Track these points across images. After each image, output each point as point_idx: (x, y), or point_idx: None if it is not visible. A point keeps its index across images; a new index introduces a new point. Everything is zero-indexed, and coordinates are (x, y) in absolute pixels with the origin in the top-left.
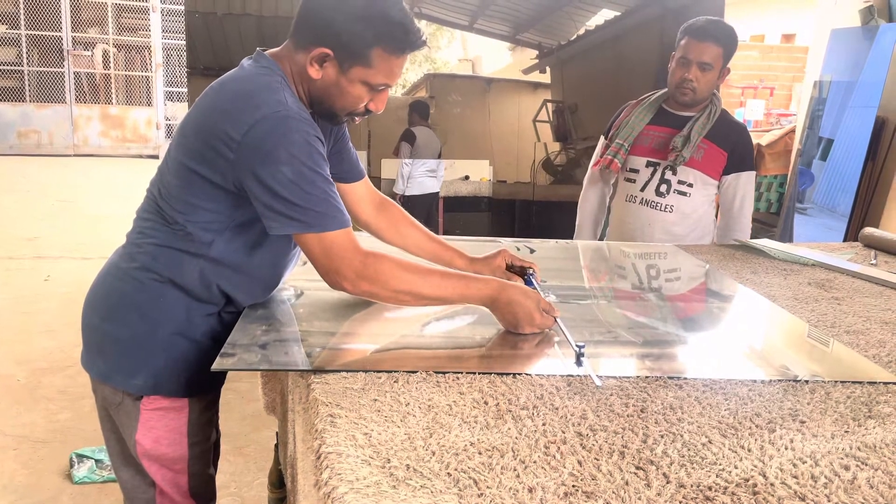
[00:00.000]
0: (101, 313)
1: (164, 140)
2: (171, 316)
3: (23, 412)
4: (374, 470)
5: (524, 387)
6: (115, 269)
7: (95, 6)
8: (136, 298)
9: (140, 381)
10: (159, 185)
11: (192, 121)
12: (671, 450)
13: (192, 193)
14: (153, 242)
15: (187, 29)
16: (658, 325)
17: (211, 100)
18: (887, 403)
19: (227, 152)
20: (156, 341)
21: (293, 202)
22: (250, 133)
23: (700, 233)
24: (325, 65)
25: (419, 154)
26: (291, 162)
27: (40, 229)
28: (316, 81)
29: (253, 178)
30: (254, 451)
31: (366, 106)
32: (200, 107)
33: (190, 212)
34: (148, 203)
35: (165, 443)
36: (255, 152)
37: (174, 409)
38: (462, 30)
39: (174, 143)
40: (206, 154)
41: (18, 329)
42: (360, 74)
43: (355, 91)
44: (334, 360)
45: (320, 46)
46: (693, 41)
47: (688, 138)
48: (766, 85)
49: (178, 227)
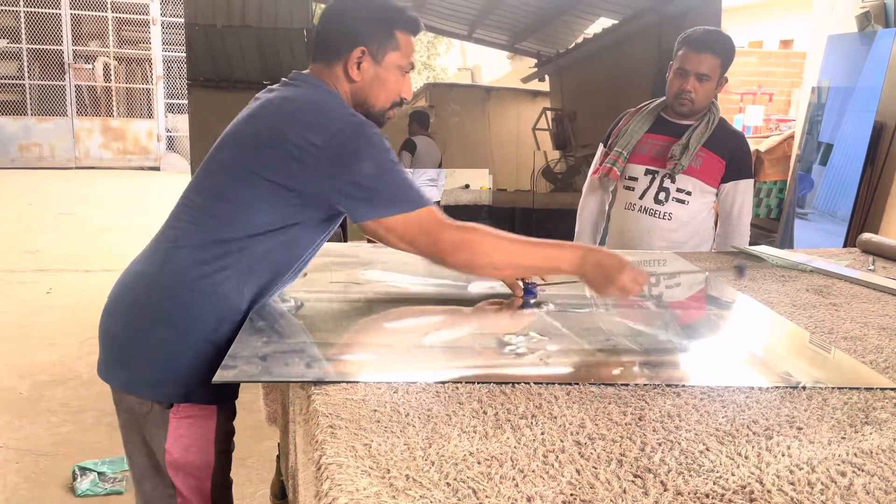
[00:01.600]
0: (127, 323)
1: (165, 152)
2: (202, 323)
3: (25, 425)
4: (374, 480)
5: (522, 396)
6: (143, 277)
7: (96, 19)
8: (166, 307)
9: (171, 389)
10: (199, 192)
11: (258, 132)
12: (669, 458)
13: (249, 196)
14: (187, 250)
15: (187, 41)
16: (657, 333)
17: (281, 113)
18: (884, 409)
19: (307, 158)
20: (186, 349)
21: (380, 191)
22: (334, 138)
23: (699, 240)
24: (362, 64)
25: (420, 163)
26: (373, 157)
27: (42, 242)
28: (358, 83)
29: (338, 178)
30: (256, 462)
31: (400, 95)
32: (265, 120)
33: (240, 215)
34: (183, 211)
35: (194, 451)
36: (341, 154)
37: (203, 416)
38: (461, 39)
39: (225, 151)
40: (279, 161)
41: (20, 342)
42: (393, 59)
43: (392, 77)
44: (334, 370)
45: (355, 48)
46: (691, 52)
47: (686, 147)
48: (764, 91)
49: (217, 232)
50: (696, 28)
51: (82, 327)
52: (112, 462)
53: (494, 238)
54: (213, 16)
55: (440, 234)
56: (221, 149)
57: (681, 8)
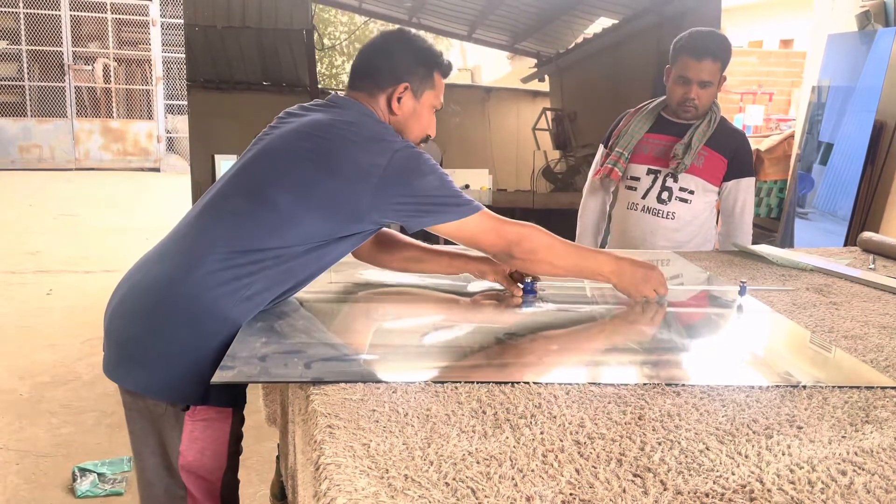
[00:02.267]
0: (145, 325)
1: (165, 153)
2: (224, 327)
3: (25, 426)
4: (373, 480)
5: (522, 395)
6: (167, 278)
7: (96, 21)
8: (191, 309)
9: (190, 391)
10: (245, 200)
11: (317, 147)
12: (668, 457)
13: (301, 209)
14: (220, 255)
15: (187, 42)
16: (657, 332)
17: (346, 135)
18: (884, 408)
19: (371, 177)
20: (206, 353)
21: (444, 201)
22: (395, 157)
23: (702, 239)
24: (403, 99)
25: None
26: (433, 172)
27: (42, 243)
28: (398, 116)
29: (403, 192)
30: (256, 462)
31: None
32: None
33: (287, 226)
34: (217, 214)
35: (209, 453)
36: (404, 169)
37: (219, 419)
38: (461, 39)
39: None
40: (343, 180)
41: (21, 343)
42: (429, 98)
43: (426, 115)
44: (333, 371)
45: (400, 83)
46: (691, 60)
47: (689, 146)
48: (764, 90)
49: (259, 240)
50: (692, 32)
51: (83, 328)
52: (112, 463)
53: (549, 237)
54: (213, 17)
55: (503, 228)
56: (269, 159)
57: (680, 8)
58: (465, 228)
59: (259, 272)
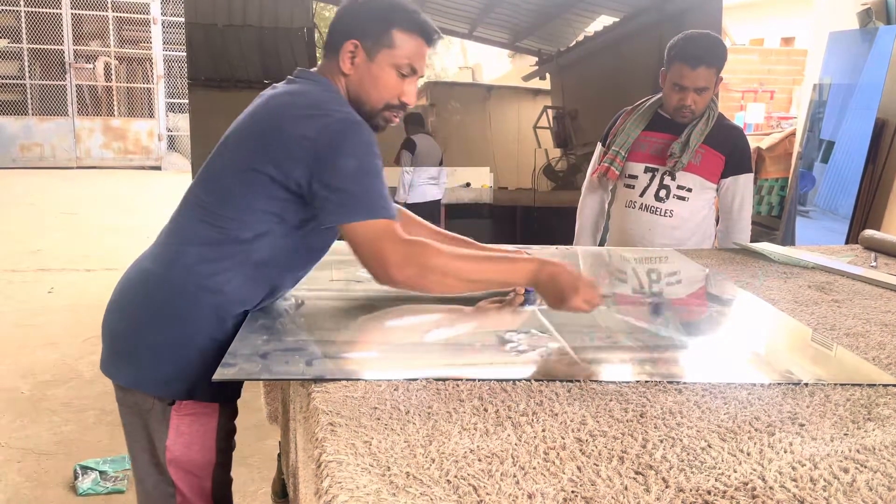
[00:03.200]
0: (132, 320)
1: (167, 151)
2: (208, 321)
3: (27, 424)
4: (374, 478)
5: (523, 393)
6: (150, 274)
7: (97, 19)
8: (173, 304)
9: (176, 386)
10: (207, 191)
11: (257, 127)
12: (670, 454)
13: (252, 194)
14: (195, 248)
15: (188, 40)
16: (658, 330)
17: (280, 107)
18: (887, 406)
19: (300, 151)
20: (192, 347)
21: (349, 192)
22: (324, 131)
23: (701, 236)
24: (355, 59)
25: (420, 162)
26: (356, 156)
27: (43, 242)
28: (350, 77)
29: (318, 170)
30: (257, 460)
31: (399, 98)
32: (265, 115)
33: (246, 213)
34: (189, 208)
35: (196, 448)
36: (328, 146)
37: (205, 414)
38: (462, 37)
39: (229, 149)
40: (276, 155)
41: (22, 341)
42: (387, 58)
43: (384, 76)
44: (335, 368)
45: (347, 41)
46: (686, 68)
47: (686, 144)
48: (765, 88)
49: (226, 230)
50: (686, 37)
51: (84, 327)
52: (113, 461)
53: (446, 255)
54: (214, 15)
55: (388, 248)
56: (226, 147)
57: (681, 6)
58: (357, 233)
59: (235, 266)
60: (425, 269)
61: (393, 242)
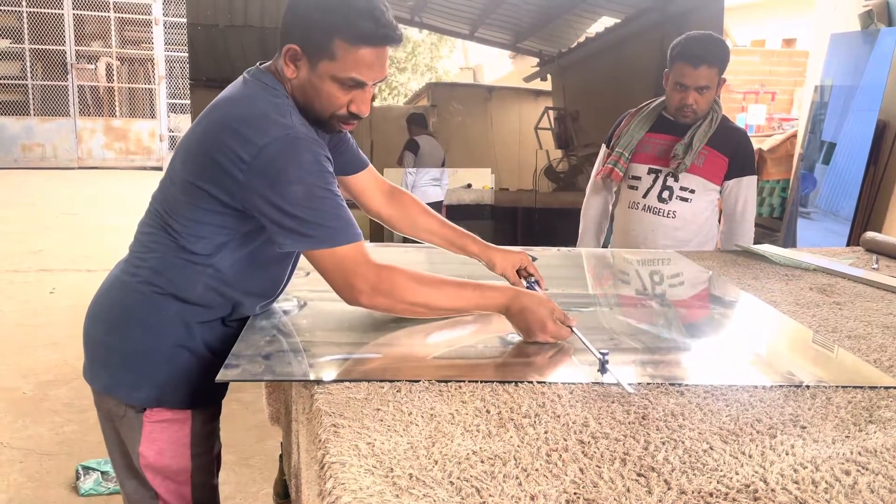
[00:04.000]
0: (104, 326)
1: (168, 152)
2: (174, 328)
3: (29, 425)
4: (378, 479)
5: (526, 395)
6: (118, 282)
7: (98, 20)
8: (138, 312)
9: (143, 393)
10: (163, 200)
11: (198, 138)
12: (672, 456)
13: (197, 209)
14: (156, 255)
15: (190, 41)
16: (661, 332)
17: (218, 119)
18: (888, 408)
19: (237, 172)
20: (159, 354)
21: (304, 219)
22: (260, 155)
23: (703, 238)
24: (298, 63)
25: (423, 163)
26: (302, 181)
27: (45, 242)
28: (294, 83)
29: (263, 199)
30: (259, 461)
31: (348, 108)
32: (206, 125)
33: (194, 227)
34: (150, 217)
35: (168, 454)
36: (265, 173)
37: (177, 420)
38: (463, 39)
39: (178, 158)
40: (214, 172)
41: (24, 342)
42: (327, 69)
43: (326, 88)
44: (337, 370)
45: (289, 43)
46: (688, 67)
47: (689, 145)
48: (767, 90)
49: (182, 241)
50: (688, 38)
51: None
52: None
53: (416, 282)
54: (216, 16)
55: (358, 275)
56: (176, 156)
57: (683, 7)
58: (323, 260)
59: (197, 274)
60: (394, 300)
61: (363, 270)
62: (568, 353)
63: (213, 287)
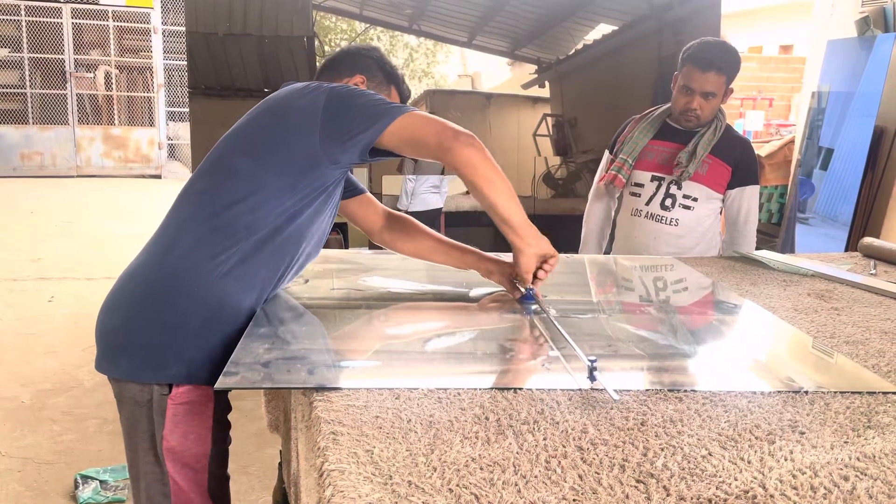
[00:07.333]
0: (127, 311)
1: (167, 160)
2: (203, 306)
3: (27, 434)
4: (377, 487)
5: (525, 402)
6: (143, 266)
7: (97, 28)
8: (167, 289)
9: (173, 370)
10: (207, 177)
11: (258, 113)
12: (671, 463)
13: (259, 170)
14: (193, 233)
15: (188, 49)
16: (661, 338)
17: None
18: (886, 413)
19: (314, 116)
20: (188, 331)
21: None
22: (331, 92)
23: (706, 245)
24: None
25: (422, 169)
26: (365, 93)
27: (44, 250)
28: None
29: (348, 115)
30: (258, 469)
31: None
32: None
33: (251, 190)
34: (186, 201)
35: (192, 437)
36: (340, 97)
37: (200, 402)
38: (461, 46)
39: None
40: (280, 127)
41: (22, 350)
42: None
43: None
44: (336, 377)
45: (356, 74)
46: (696, 71)
47: (693, 154)
48: (764, 96)
49: (227, 210)
50: (702, 42)
51: (84, 336)
52: (114, 470)
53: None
54: (214, 24)
55: (443, 122)
56: (227, 138)
57: (680, 14)
58: (408, 126)
59: (233, 246)
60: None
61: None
62: (562, 361)
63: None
